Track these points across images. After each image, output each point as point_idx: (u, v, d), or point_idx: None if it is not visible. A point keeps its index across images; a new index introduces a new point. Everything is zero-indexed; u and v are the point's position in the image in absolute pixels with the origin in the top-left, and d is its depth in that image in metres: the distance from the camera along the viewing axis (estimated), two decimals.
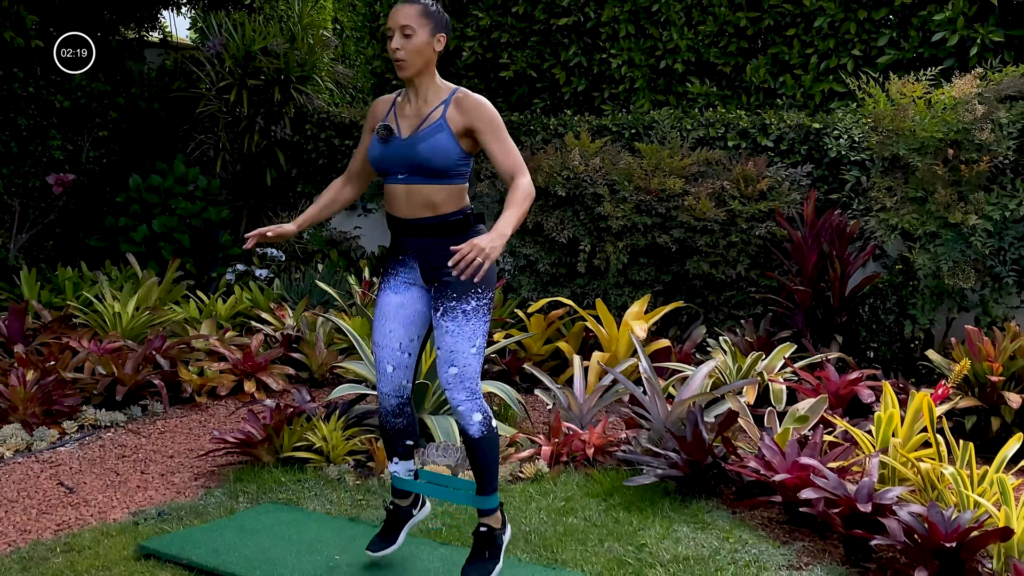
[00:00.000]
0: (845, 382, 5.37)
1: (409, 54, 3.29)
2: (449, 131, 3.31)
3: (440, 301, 3.37)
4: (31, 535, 4.08)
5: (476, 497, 3.50)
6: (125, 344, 6.29)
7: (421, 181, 3.34)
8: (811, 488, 3.86)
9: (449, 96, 3.37)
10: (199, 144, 9.33)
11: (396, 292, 3.52)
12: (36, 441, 5.16)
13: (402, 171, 3.35)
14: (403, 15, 3.29)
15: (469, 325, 3.34)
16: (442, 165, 3.30)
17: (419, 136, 3.32)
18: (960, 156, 5.79)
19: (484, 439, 3.39)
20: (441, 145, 3.29)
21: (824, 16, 7.26)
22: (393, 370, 3.54)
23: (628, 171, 6.88)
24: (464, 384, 3.33)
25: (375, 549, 3.65)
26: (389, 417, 3.62)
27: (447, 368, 3.33)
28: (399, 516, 3.73)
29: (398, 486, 3.72)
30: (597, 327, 6.43)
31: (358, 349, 5.52)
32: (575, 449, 4.97)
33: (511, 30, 8.60)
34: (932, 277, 5.81)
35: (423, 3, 3.32)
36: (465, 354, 3.33)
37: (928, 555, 3.50)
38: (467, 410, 3.35)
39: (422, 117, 3.36)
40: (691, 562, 3.78)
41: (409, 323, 3.52)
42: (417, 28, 3.28)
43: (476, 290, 3.35)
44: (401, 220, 3.42)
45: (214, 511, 4.29)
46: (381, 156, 3.40)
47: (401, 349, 3.52)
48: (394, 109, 3.46)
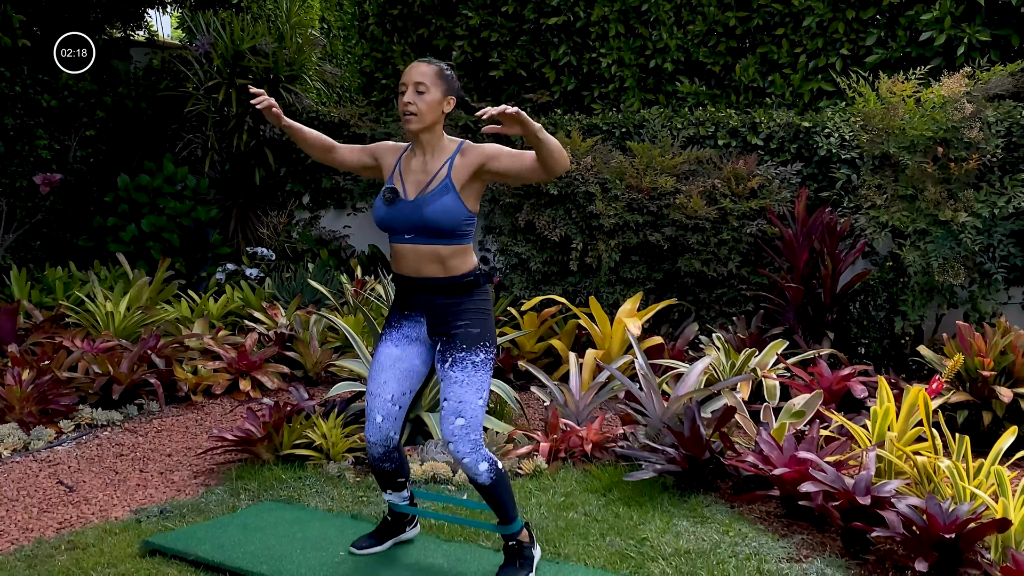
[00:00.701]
0: (838, 378, 5.43)
1: (420, 110, 3.33)
2: (455, 191, 3.34)
3: (449, 352, 3.40)
4: (34, 533, 4.08)
5: (500, 527, 3.57)
6: (119, 343, 6.29)
7: (428, 242, 3.38)
8: (810, 482, 3.91)
9: (455, 152, 3.41)
10: (187, 143, 9.31)
11: (396, 345, 3.56)
12: (33, 440, 5.16)
13: (408, 231, 3.39)
14: (419, 73, 3.35)
15: (477, 376, 3.38)
16: (449, 227, 3.35)
17: (425, 198, 3.35)
18: (949, 154, 5.86)
19: (494, 484, 3.43)
20: (448, 207, 3.33)
21: (813, 16, 7.32)
22: (382, 420, 3.55)
23: (620, 170, 6.93)
24: (469, 436, 3.36)
25: (361, 546, 3.76)
26: (377, 463, 3.65)
27: (454, 420, 3.35)
28: (392, 528, 3.84)
29: (396, 509, 3.82)
30: (590, 325, 6.48)
31: (355, 346, 5.54)
32: (573, 445, 5.01)
33: (501, 29, 8.63)
34: (922, 274, 5.87)
35: (439, 65, 3.40)
36: (473, 405, 3.37)
37: (927, 547, 3.55)
38: (472, 462, 3.38)
39: (428, 176, 3.39)
40: (692, 555, 3.82)
41: (404, 377, 3.55)
42: (431, 87, 3.34)
43: (484, 343, 3.41)
44: (409, 279, 3.46)
45: (216, 508, 4.31)
46: (387, 218, 3.42)
47: (392, 401, 3.54)
48: (399, 166, 3.49)
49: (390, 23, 9.37)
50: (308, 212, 9.33)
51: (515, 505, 3.55)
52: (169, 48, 10.43)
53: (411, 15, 9.19)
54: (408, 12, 9.20)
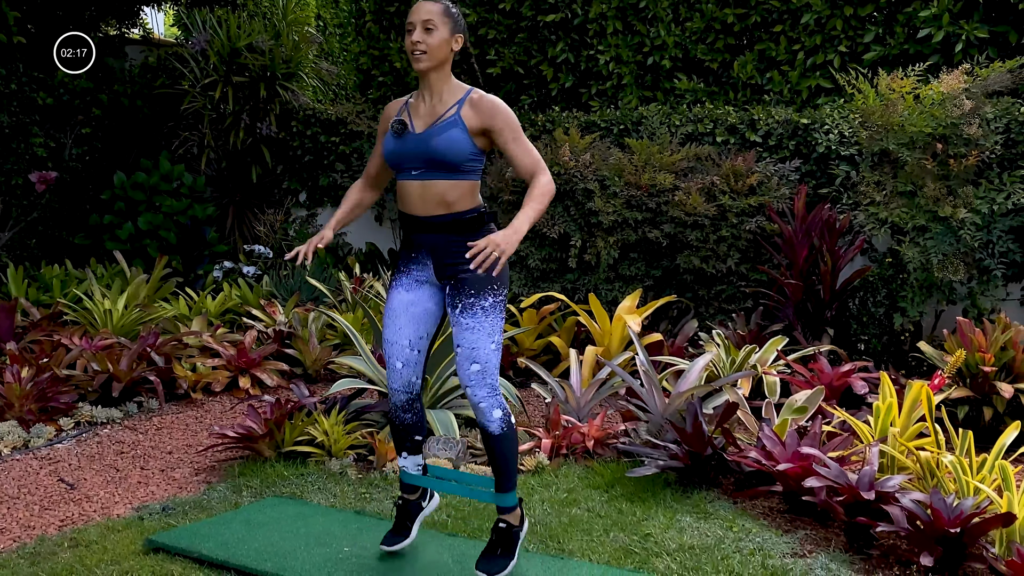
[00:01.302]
0: (838, 374, 5.43)
1: (429, 47, 3.32)
2: (463, 127, 3.34)
3: (458, 298, 3.39)
4: (35, 531, 4.07)
5: (496, 495, 3.53)
6: (117, 341, 6.27)
7: (435, 176, 3.37)
8: (814, 477, 3.91)
9: (464, 96, 3.41)
10: (183, 141, 9.30)
11: (407, 290, 3.55)
12: (33, 438, 5.14)
13: (416, 166, 3.38)
14: (426, 10, 3.35)
15: (488, 321, 3.37)
16: (456, 159, 3.33)
17: (433, 130, 3.35)
18: (948, 151, 5.87)
19: (504, 435, 3.42)
20: (455, 139, 3.32)
21: (811, 13, 7.33)
22: (403, 366, 3.56)
23: (618, 167, 6.93)
24: (486, 380, 3.36)
25: (389, 543, 3.70)
26: (399, 412, 3.64)
27: (469, 365, 3.35)
28: (409, 509, 3.77)
29: (407, 481, 3.75)
30: (590, 321, 6.47)
31: (355, 343, 5.53)
32: (574, 442, 5.00)
33: (498, 26, 8.62)
34: (921, 270, 5.88)
35: (446, 3, 3.39)
36: (486, 350, 3.36)
37: (931, 541, 3.56)
38: (488, 407, 3.38)
39: (436, 115, 3.39)
40: (696, 551, 3.82)
41: (419, 321, 3.54)
42: (439, 24, 3.34)
43: (493, 286, 3.39)
44: (415, 218, 3.45)
45: (218, 505, 4.30)
46: (395, 151, 3.42)
47: (411, 346, 3.54)
48: (407, 108, 3.50)
49: (387, 20, 9.36)
50: (305, 210, 9.32)
51: (516, 473, 3.53)
52: (164, 46, 10.40)
53: (407, 12, 9.16)
54: (405, 9, 9.19)
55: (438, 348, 5.22)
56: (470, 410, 5.35)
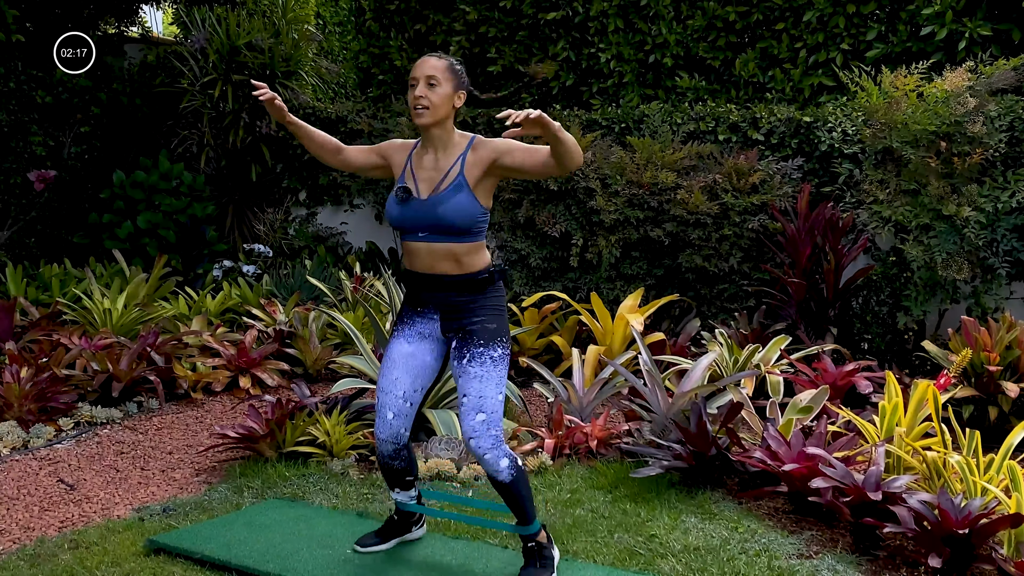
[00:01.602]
0: (842, 373, 5.40)
1: (432, 103, 3.30)
2: (468, 189, 3.32)
3: (467, 348, 3.38)
4: (35, 532, 4.04)
5: (518, 527, 3.53)
6: (117, 341, 6.23)
7: (442, 240, 3.35)
8: (821, 478, 3.89)
9: (467, 147, 3.38)
10: (183, 140, 9.25)
11: (408, 342, 3.53)
12: (33, 438, 5.11)
13: (422, 230, 3.37)
14: (430, 66, 3.33)
15: (496, 371, 3.36)
16: (464, 225, 3.32)
17: (439, 197, 3.33)
18: (952, 149, 5.84)
19: (514, 481, 3.40)
20: (462, 205, 3.31)
21: (813, 10, 7.30)
22: (393, 417, 3.53)
23: (620, 165, 6.89)
24: (491, 431, 3.33)
25: (365, 544, 3.74)
26: (387, 460, 3.62)
27: (474, 416, 3.32)
28: (398, 526, 3.81)
29: (404, 508, 3.78)
30: (592, 321, 6.44)
31: (356, 343, 5.50)
32: (577, 442, 4.97)
33: (498, 24, 8.59)
34: (925, 269, 5.85)
35: (450, 60, 3.38)
36: (493, 400, 3.34)
37: (939, 542, 3.53)
38: (494, 457, 3.35)
39: (441, 173, 3.36)
40: (702, 552, 3.80)
41: (417, 374, 3.52)
42: (442, 81, 3.31)
43: (501, 339, 3.40)
44: (423, 275, 3.44)
45: (219, 506, 4.26)
46: (401, 216, 3.40)
47: (404, 398, 3.52)
48: (410, 163, 3.46)
49: (387, 18, 9.32)
50: (305, 209, 9.28)
51: (534, 505, 3.51)
52: (163, 44, 10.36)
53: (408, 10, 9.15)
54: (405, 7, 9.16)
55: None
56: None
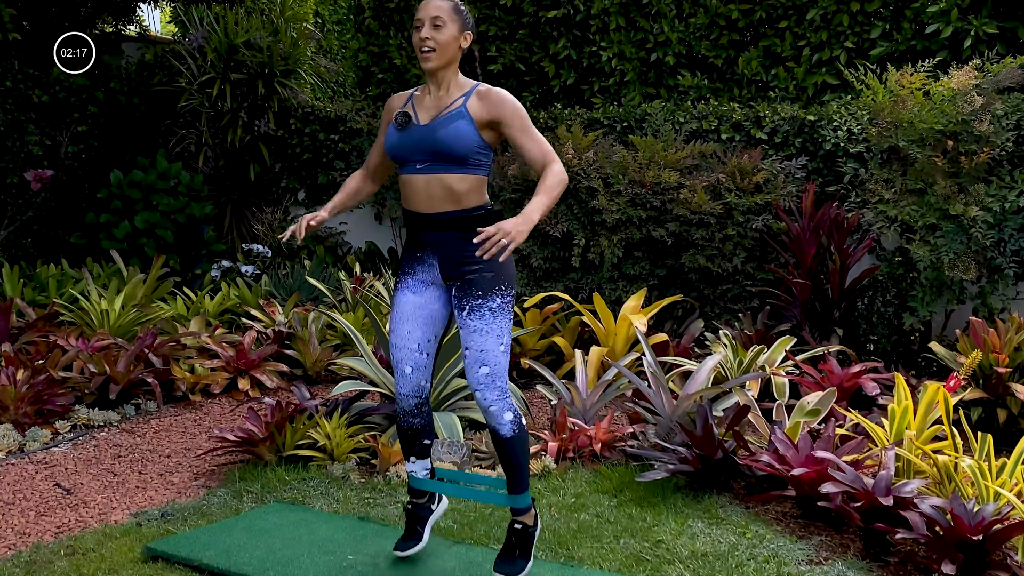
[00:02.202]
0: (849, 375, 5.34)
1: (438, 44, 3.25)
2: (470, 118, 3.26)
3: (465, 300, 3.31)
4: (31, 538, 3.97)
5: (510, 496, 3.46)
6: (114, 342, 6.16)
7: (440, 170, 3.28)
8: (831, 482, 3.82)
9: (470, 90, 3.33)
10: (181, 139, 9.18)
11: (414, 292, 3.46)
12: (29, 442, 5.04)
13: (420, 159, 3.29)
14: (435, 7, 3.28)
15: (496, 323, 3.30)
16: (462, 151, 3.24)
17: (439, 122, 3.27)
18: (959, 148, 5.78)
19: (515, 438, 3.35)
20: (461, 130, 3.24)
21: (816, 8, 7.24)
22: (412, 371, 3.48)
23: (622, 164, 6.83)
24: (495, 383, 3.29)
25: (402, 549, 3.62)
26: (407, 417, 3.56)
27: (478, 368, 3.28)
28: (419, 513, 3.69)
29: (415, 486, 3.67)
30: (594, 322, 6.38)
31: (357, 344, 5.43)
32: (581, 445, 4.91)
33: (499, 23, 8.52)
34: (931, 269, 5.79)
35: (455, 1, 3.32)
36: (495, 352, 3.28)
37: (952, 548, 3.46)
38: (498, 410, 3.31)
39: (442, 107, 3.31)
40: (710, 558, 3.73)
41: (427, 323, 3.46)
42: (448, 21, 3.27)
43: (500, 287, 3.32)
44: (420, 215, 3.35)
45: (218, 511, 4.20)
46: (399, 144, 3.33)
47: (419, 350, 3.46)
48: (412, 100, 3.41)
49: (386, 17, 9.25)
50: (304, 208, 9.21)
51: (529, 474, 3.46)
52: (161, 43, 10.29)
53: (408, 8, 9.07)
54: (405, 5, 9.09)
55: (443, 350, 5.11)
56: (474, 412, 5.26)
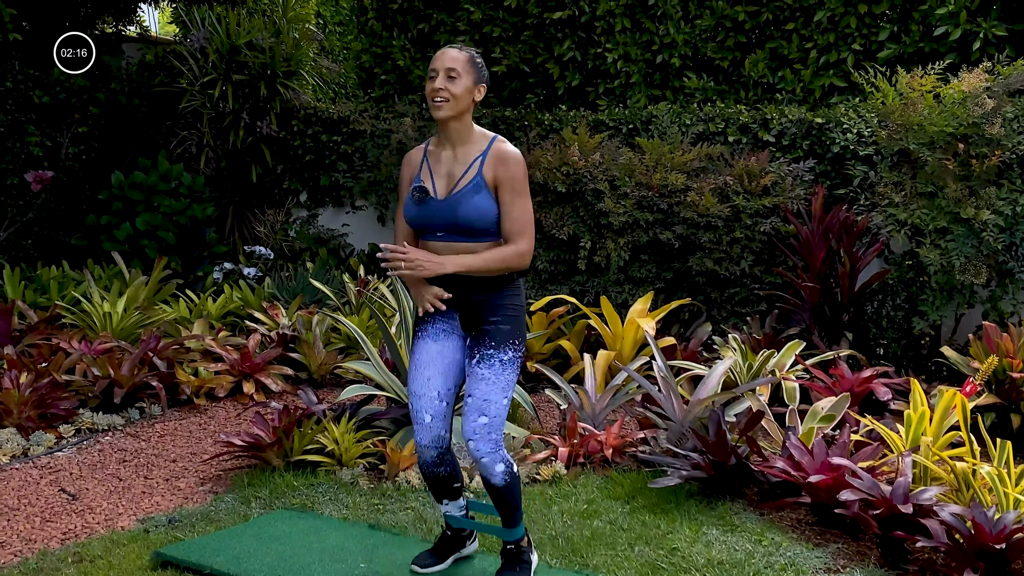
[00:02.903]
0: (860, 379, 5.30)
1: (452, 95, 3.21)
2: (486, 189, 3.24)
3: (478, 348, 3.29)
4: (37, 544, 3.91)
5: (503, 530, 3.48)
6: (117, 345, 6.10)
7: (461, 239, 3.27)
8: (849, 490, 3.77)
9: (487, 147, 3.28)
10: (182, 140, 9.12)
11: (435, 340, 3.42)
12: (33, 446, 4.98)
13: (440, 230, 3.28)
14: (450, 58, 3.25)
15: (504, 375, 3.28)
16: (482, 225, 3.24)
17: (457, 198, 3.24)
18: (970, 150, 5.74)
19: (508, 486, 3.35)
20: (480, 206, 3.22)
21: (824, 10, 7.19)
22: (431, 419, 3.42)
23: (629, 167, 6.78)
24: (491, 436, 3.27)
25: (424, 564, 3.60)
26: (432, 468, 3.50)
27: (476, 417, 3.25)
28: (452, 543, 3.67)
29: (455, 525, 3.65)
30: (601, 325, 6.33)
31: (363, 347, 5.37)
32: (592, 450, 4.86)
33: (503, 24, 8.47)
34: (942, 273, 5.74)
35: (471, 52, 3.30)
36: (497, 404, 3.27)
37: (972, 556, 3.42)
38: (490, 462, 3.29)
39: (459, 171, 3.28)
40: (727, 566, 3.68)
41: (448, 372, 3.43)
42: (462, 73, 3.24)
43: (514, 341, 3.31)
44: (443, 275, 3.32)
45: (227, 517, 4.14)
46: (418, 218, 3.30)
47: (439, 398, 3.42)
48: (427, 161, 3.36)
49: (390, 18, 9.20)
50: (306, 210, 9.16)
51: (522, 510, 3.46)
52: (162, 43, 10.23)
53: (411, 9, 9.02)
54: (408, 6, 9.03)
55: None
56: None
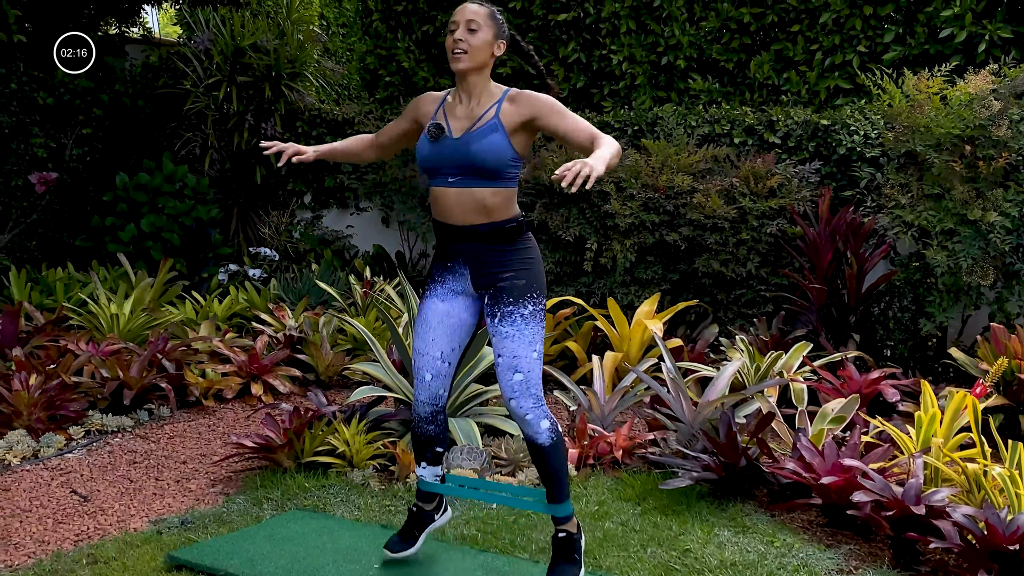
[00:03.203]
0: (868, 381, 5.31)
1: (471, 47, 3.24)
2: (503, 130, 3.24)
3: (497, 307, 3.29)
4: (50, 546, 3.92)
5: (550, 506, 3.43)
6: (125, 346, 6.11)
7: (473, 183, 3.26)
8: (862, 491, 3.78)
9: (502, 96, 3.31)
10: (186, 142, 9.13)
11: (442, 300, 3.44)
12: (43, 448, 4.98)
13: (452, 172, 3.27)
14: (471, 11, 3.28)
15: (529, 329, 3.27)
16: (495, 165, 3.23)
17: (472, 135, 3.25)
18: (977, 152, 5.75)
19: (553, 446, 3.32)
20: (495, 144, 3.22)
21: (829, 12, 7.20)
22: (431, 378, 3.46)
23: (635, 168, 6.79)
24: (530, 391, 3.26)
25: (395, 549, 3.62)
26: (422, 424, 3.55)
27: (511, 375, 3.25)
28: (421, 518, 3.69)
29: (425, 489, 3.66)
30: (608, 327, 6.34)
31: (372, 349, 5.39)
32: (601, 452, 4.87)
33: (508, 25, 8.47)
34: (949, 274, 5.75)
35: (491, 8, 3.32)
36: (528, 359, 3.25)
37: (985, 557, 3.43)
38: (535, 418, 3.28)
39: (475, 118, 3.29)
40: (739, 567, 3.69)
41: (453, 332, 3.44)
42: (483, 25, 3.26)
43: (532, 294, 3.30)
44: (451, 227, 3.34)
45: (239, 519, 4.15)
46: (431, 155, 3.31)
47: (442, 358, 3.45)
48: (443, 108, 3.39)
49: (394, 19, 9.21)
50: (310, 212, 9.17)
51: (568, 482, 3.42)
52: (165, 45, 10.23)
53: (415, 11, 9.04)
54: (412, 8, 9.05)
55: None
56: (491, 419, 5.21)
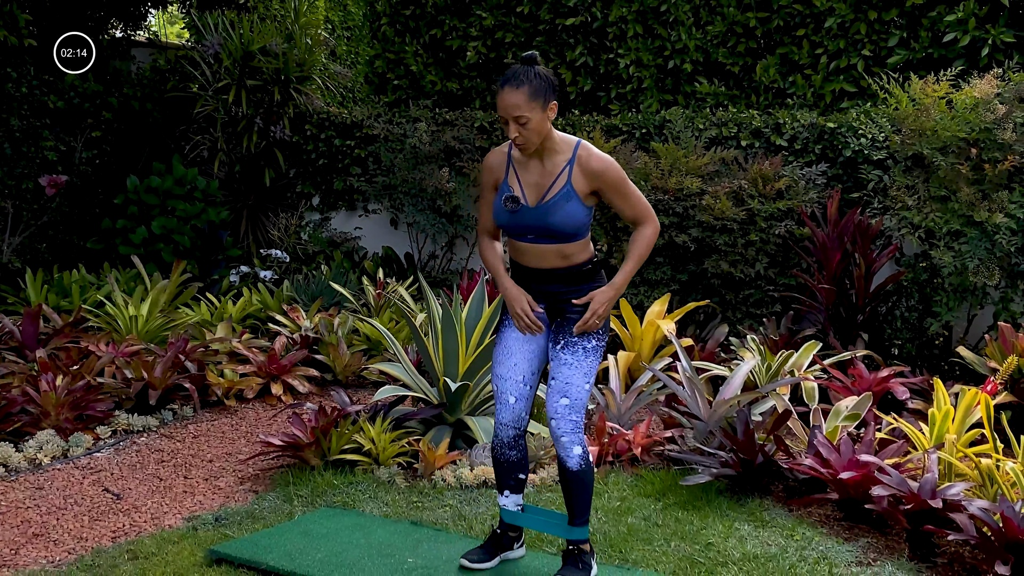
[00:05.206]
0: (878, 379, 5.43)
1: (528, 137, 3.32)
2: (576, 197, 3.38)
3: (562, 335, 3.46)
4: (89, 543, 4.01)
5: (569, 528, 3.56)
6: (145, 347, 6.20)
7: (551, 242, 3.42)
8: (880, 486, 3.90)
9: (572, 155, 3.40)
10: (195, 145, 9.22)
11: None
12: (72, 447, 5.07)
13: (532, 234, 3.43)
14: (512, 105, 3.26)
15: (587, 361, 3.43)
16: (574, 229, 3.40)
17: (548, 205, 3.38)
18: (982, 155, 5.87)
19: (582, 472, 3.46)
20: (572, 212, 3.37)
21: (834, 16, 7.33)
22: (515, 401, 3.58)
23: (644, 171, 6.91)
24: (571, 416, 3.40)
25: (473, 560, 3.68)
26: (504, 449, 3.64)
27: (559, 398, 3.40)
28: (502, 542, 3.75)
29: (507, 520, 3.73)
30: (619, 327, 6.45)
31: (392, 348, 5.49)
32: (620, 450, 4.98)
33: (515, 30, 8.59)
34: (956, 275, 5.88)
35: (528, 84, 3.27)
36: (579, 388, 3.41)
37: (1001, 549, 3.55)
38: (569, 442, 3.42)
39: (548, 180, 3.40)
40: (761, 560, 3.81)
41: (532, 357, 3.59)
42: (528, 112, 3.26)
43: (599, 331, 3.48)
44: (531, 269, 3.51)
45: (271, 516, 4.25)
46: (511, 224, 3.45)
47: (524, 382, 3.58)
48: (512, 167, 3.47)
49: (402, 23, 9.31)
50: (318, 214, 9.25)
51: (590, 509, 3.55)
52: (171, 48, 10.32)
53: (424, 15, 9.14)
54: (421, 12, 9.15)
55: (480, 354, 5.17)
56: None
